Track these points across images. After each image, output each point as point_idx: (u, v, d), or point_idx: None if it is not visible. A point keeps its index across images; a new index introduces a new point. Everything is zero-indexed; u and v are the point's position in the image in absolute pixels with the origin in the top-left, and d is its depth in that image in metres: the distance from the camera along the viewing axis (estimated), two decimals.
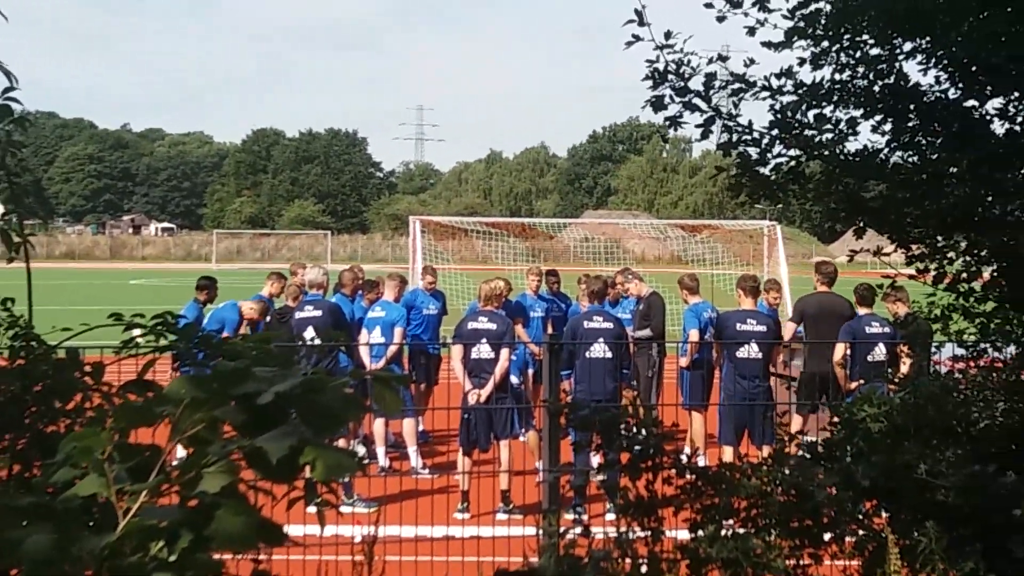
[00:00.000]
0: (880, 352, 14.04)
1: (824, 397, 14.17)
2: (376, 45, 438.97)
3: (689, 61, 6.40)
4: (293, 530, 4.52)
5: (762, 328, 14.22)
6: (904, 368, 11.02)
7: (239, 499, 2.40)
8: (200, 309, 16.19)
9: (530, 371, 16.43)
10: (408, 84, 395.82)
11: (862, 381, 13.27)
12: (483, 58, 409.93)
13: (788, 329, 15.66)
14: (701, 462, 5.87)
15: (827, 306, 15.35)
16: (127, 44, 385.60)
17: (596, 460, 5.59)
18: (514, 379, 14.55)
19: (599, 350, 13.70)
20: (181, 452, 2.50)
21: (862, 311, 14.71)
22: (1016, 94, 6.66)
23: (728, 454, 13.53)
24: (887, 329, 13.87)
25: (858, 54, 6.68)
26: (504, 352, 13.62)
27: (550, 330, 17.34)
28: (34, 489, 2.56)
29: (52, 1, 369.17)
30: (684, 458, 5.16)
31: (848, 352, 14.38)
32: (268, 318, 16.19)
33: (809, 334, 15.20)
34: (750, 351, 13.97)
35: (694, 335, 15.73)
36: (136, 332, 4.23)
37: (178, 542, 2.27)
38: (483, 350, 13.60)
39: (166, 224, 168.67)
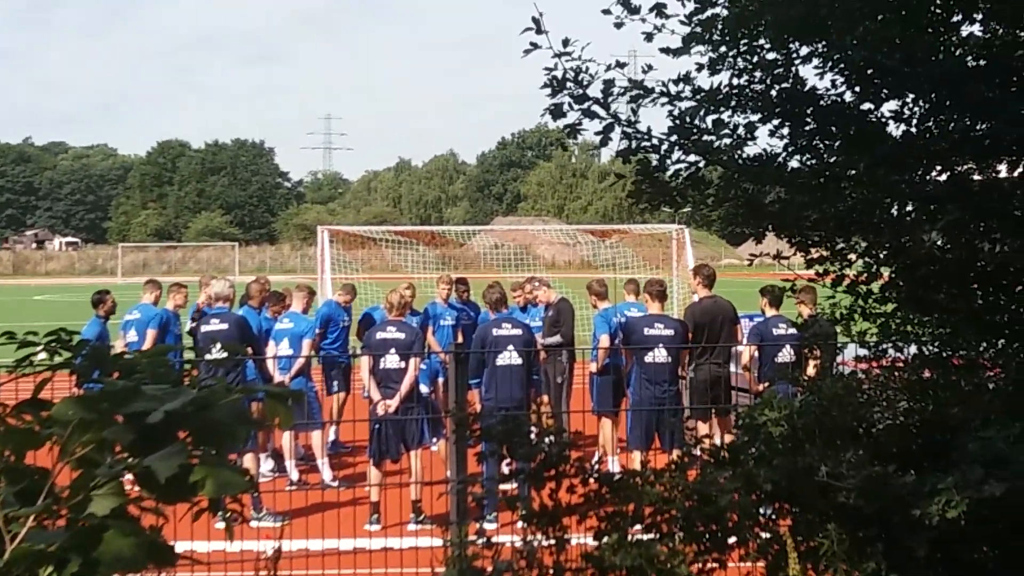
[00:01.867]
0: (788, 354, 14.15)
1: (719, 400, 14.29)
2: (280, 56, 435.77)
3: (587, 68, 6.40)
4: (199, 546, 4.45)
5: (670, 332, 14.27)
6: (810, 370, 11.13)
7: (128, 520, 2.36)
8: (103, 324, 16.00)
9: (440, 380, 16.40)
10: (315, 94, 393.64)
11: (769, 383, 13.37)
12: (387, 67, 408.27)
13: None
14: (611, 468, 5.89)
15: (712, 309, 15.42)
16: (28, 57, 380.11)
17: (505, 469, 5.59)
18: (425, 388, 14.52)
19: (508, 357, 13.69)
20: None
21: (769, 313, 14.84)
22: (911, 97, 6.74)
23: (637, 459, 13.57)
24: (794, 331, 13.98)
25: (755, 59, 6.73)
26: (413, 362, 13.57)
27: (459, 339, 17.36)
28: None
29: None
30: (592, 465, 5.16)
31: (755, 354, 14.49)
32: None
33: (697, 338, 15.26)
34: (657, 355, 14.01)
35: (604, 340, 15.77)
36: (36, 349, 4.15)
37: (67, 567, 2.23)
38: (391, 360, 13.53)
39: (70, 238, 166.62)
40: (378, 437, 13.55)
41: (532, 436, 5.22)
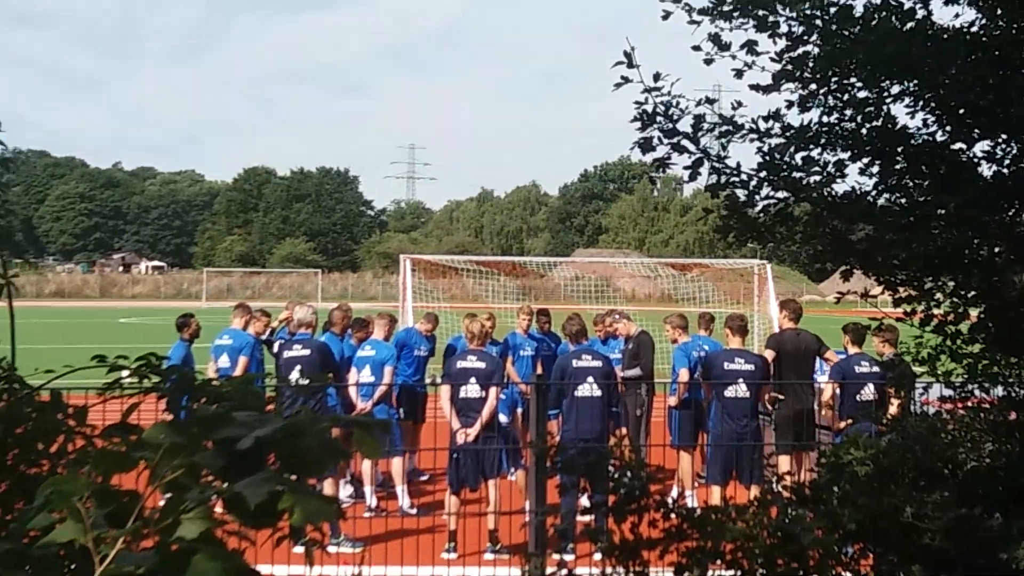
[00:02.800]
0: (869, 391, 14.02)
1: (802, 436, 14.18)
2: (365, 87, 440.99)
3: (677, 103, 6.40)
4: (278, 571, 4.48)
5: (750, 367, 14.19)
6: (893, 409, 11.01)
7: (216, 544, 2.38)
8: (187, 347, 16.15)
9: (519, 410, 16.39)
10: (399, 124, 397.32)
11: (851, 421, 13.24)
12: (471, 98, 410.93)
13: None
14: (690, 502, 5.83)
15: (795, 341, 15.36)
16: (119, 85, 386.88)
17: (584, 501, 5.58)
18: (503, 418, 14.51)
19: (588, 389, 13.67)
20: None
21: (852, 350, 14.71)
22: (1003, 137, 6.67)
23: (716, 494, 13.49)
24: (876, 369, 13.85)
25: (846, 97, 6.69)
26: (493, 391, 13.57)
27: (539, 370, 17.35)
28: (11, 535, 2.54)
29: (44, 44, 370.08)
30: (671, 499, 5.14)
31: (837, 391, 14.37)
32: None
33: (784, 370, 15.16)
34: (738, 390, 13.93)
35: (684, 374, 15.73)
36: (124, 373, 4.20)
37: None
38: (471, 389, 13.54)
39: (156, 262, 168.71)
40: (457, 465, 13.55)
41: (613, 469, 5.21)
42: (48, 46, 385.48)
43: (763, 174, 6.57)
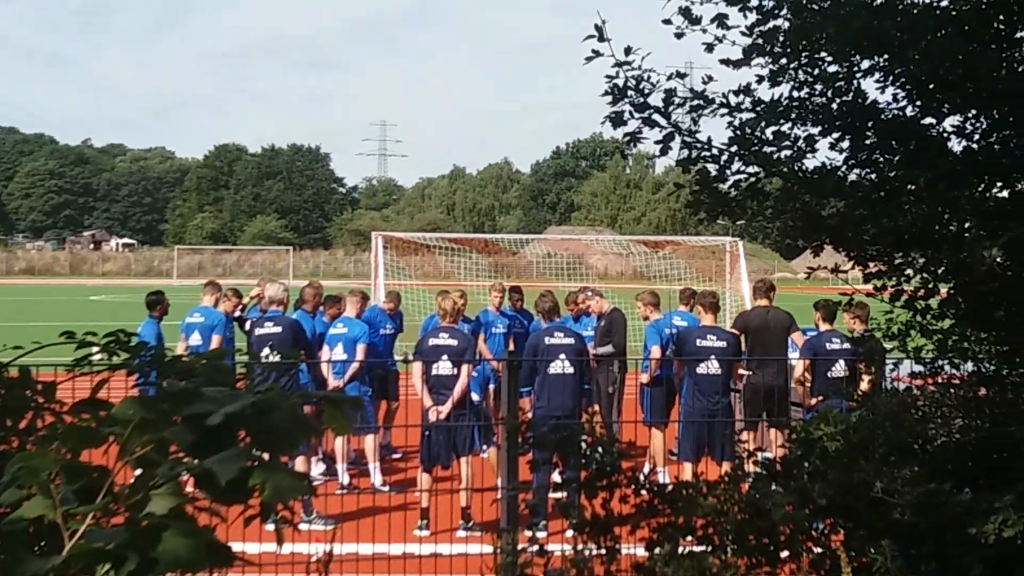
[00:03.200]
0: (840, 368, 14.07)
1: (772, 412, 14.24)
2: (336, 63, 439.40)
3: (648, 77, 6.40)
4: (249, 548, 4.47)
5: (722, 344, 14.23)
6: (864, 385, 11.06)
7: (187, 520, 2.37)
8: (157, 325, 16.08)
9: (491, 387, 16.37)
10: (371, 100, 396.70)
11: (822, 397, 13.30)
12: (443, 75, 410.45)
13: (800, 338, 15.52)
14: (661, 479, 5.85)
15: (765, 318, 15.42)
16: (89, 61, 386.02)
17: (556, 477, 5.59)
18: (475, 396, 14.51)
19: (560, 366, 13.68)
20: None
21: (823, 327, 14.74)
22: (973, 112, 6.69)
23: (687, 470, 13.53)
24: (847, 345, 13.90)
25: (816, 71, 6.70)
26: (465, 368, 13.57)
27: (511, 347, 17.35)
28: None
29: (10, 19, 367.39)
30: (642, 475, 5.15)
31: (808, 368, 14.41)
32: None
33: (753, 347, 15.22)
34: (710, 367, 13.97)
35: (655, 351, 15.74)
36: (93, 350, 4.19)
37: (125, 565, 2.24)
38: (443, 366, 13.54)
39: (127, 240, 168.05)
40: (429, 443, 13.55)
41: (585, 446, 5.21)
42: (14, 21, 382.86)
43: (734, 149, 6.57)
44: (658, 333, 15.97)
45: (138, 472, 2.44)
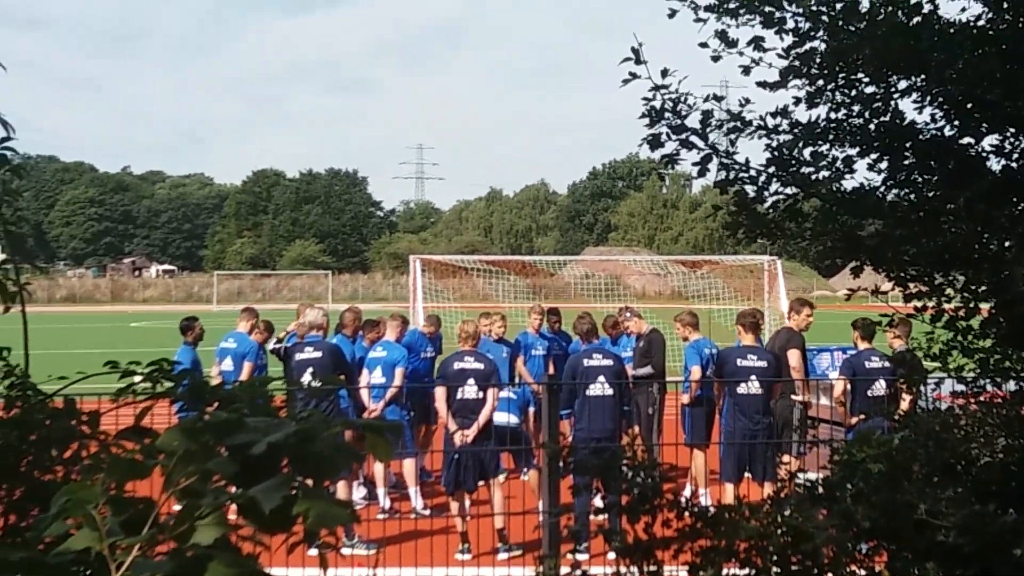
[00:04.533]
0: (880, 387, 13.98)
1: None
2: (374, 85, 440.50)
3: (685, 99, 6.41)
4: (292, 573, 4.50)
5: (763, 364, 14.17)
6: (904, 404, 10.99)
7: (231, 550, 2.39)
8: (193, 351, 16.15)
9: (531, 410, 16.37)
10: (407, 123, 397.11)
11: (863, 416, 13.22)
12: (478, 96, 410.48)
13: (795, 357, 15.37)
14: (704, 500, 5.79)
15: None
16: (126, 88, 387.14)
17: (598, 501, 5.60)
18: (515, 419, 14.49)
19: (599, 388, 13.66)
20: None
21: (862, 346, 14.66)
22: (1011, 131, 6.66)
23: (729, 492, 13.48)
24: (887, 364, 13.83)
25: (854, 92, 6.69)
26: (491, 393, 13.55)
27: (551, 369, 17.34)
28: (27, 543, 2.55)
29: (49, 48, 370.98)
30: (684, 498, 5.14)
31: (848, 387, 14.32)
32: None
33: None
34: (750, 387, 13.92)
35: (696, 372, 15.70)
36: (136, 378, 4.22)
37: None
38: (469, 390, 13.52)
39: (167, 266, 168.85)
40: (455, 467, 13.53)
41: (627, 469, 5.21)
42: (52, 50, 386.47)
43: (772, 170, 6.57)
44: (698, 353, 15.92)
45: (179, 503, 2.46)
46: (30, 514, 4.02)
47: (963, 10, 6.53)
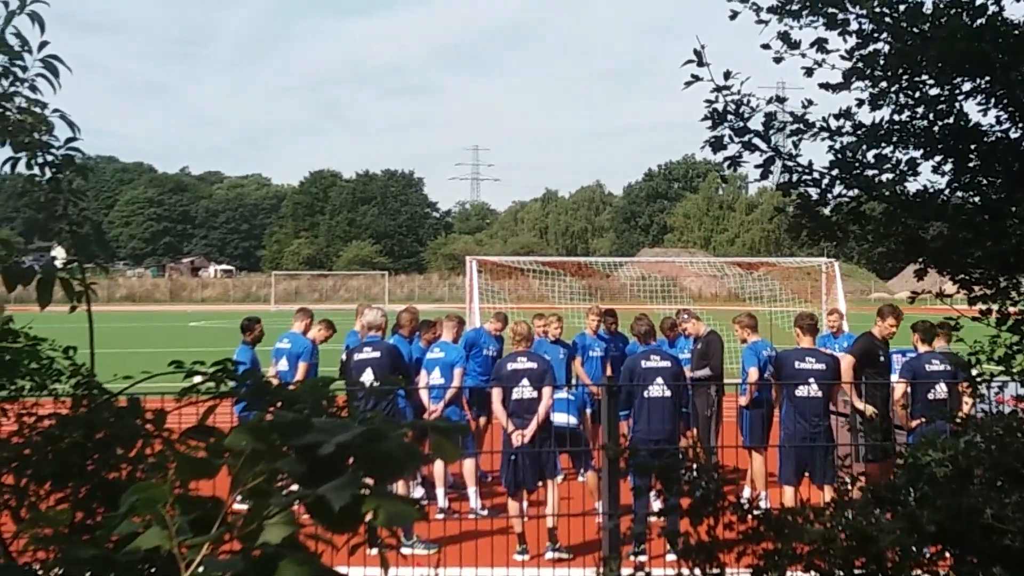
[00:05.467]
0: (941, 390, 13.87)
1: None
2: (430, 87, 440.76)
3: (748, 101, 6.39)
4: (353, 573, 4.52)
5: (821, 366, 14.10)
6: (966, 407, 10.90)
7: (301, 549, 2.40)
8: (252, 350, 16.27)
9: (588, 411, 16.33)
10: (463, 125, 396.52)
11: (923, 420, 13.12)
12: (533, 97, 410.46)
13: (845, 362, 15.27)
14: (763, 504, 5.76)
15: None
16: (186, 91, 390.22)
17: (656, 503, 5.57)
18: (573, 419, 14.47)
19: (657, 390, 13.63)
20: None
21: (922, 348, 14.54)
22: None
23: (789, 494, 13.42)
24: (948, 367, 13.72)
25: (917, 94, 6.64)
26: (547, 391, 13.54)
27: (608, 370, 17.32)
28: (97, 541, 2.57)
29: (109, 50, 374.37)
30: (745, 501, 5.12)
31: (908, 390, 14.21)
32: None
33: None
34: (809, 390, 13.84)
35: (753, 374, 15.63)
36: (197, 379, 4.26)
37: None
38: (524, 391, 13.52)
39: (225, 266, 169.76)
40: (513, 467, 13.53)
41: (688, 471, 5.19)
42: (113, 52, 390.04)
43: (835, 172, 6.53)
44: (756, 355, 15.85)
45: (238, 502, 2.47)
46: (96, 512, 4.06)
47: None
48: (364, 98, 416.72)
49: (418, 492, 16.12)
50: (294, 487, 2.49)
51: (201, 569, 2.30)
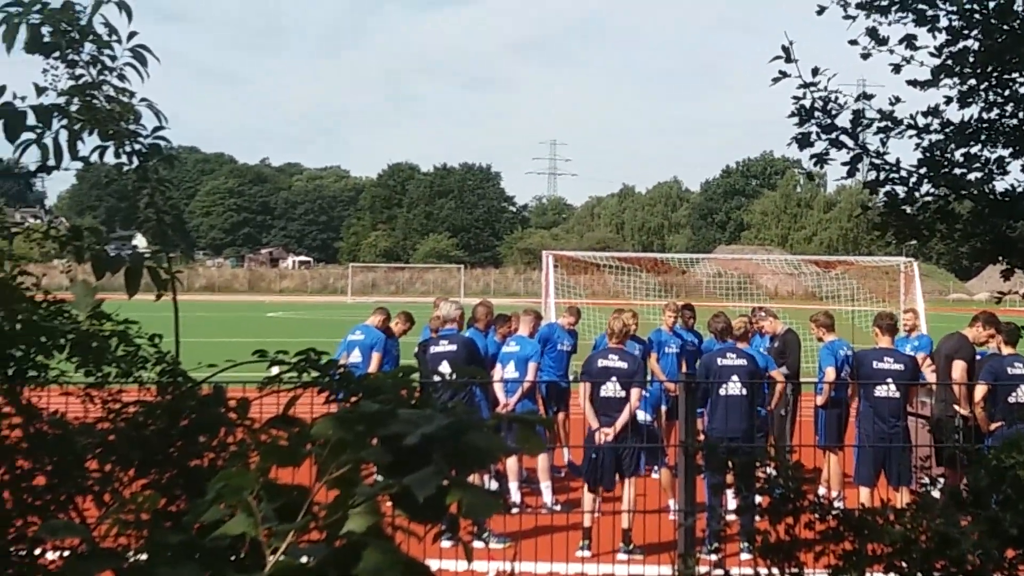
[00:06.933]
0: (1023, 393, 13.68)
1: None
2: (508, 81, 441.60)
3: (836, 98, 6.34)
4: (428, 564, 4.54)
5: (899, 367, 13.97)
6: None
7: (386, 539, 2.40)
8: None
9: (663, 408, 16.28)
10: (540, 119, 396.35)
11: (1003, 423, 12.98)
12: (611, 92, 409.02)
13: (958, 368, 15.05)
14: (838, 504, 5.71)
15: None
16: (266, 82, 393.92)
17: (731, 501, 5.55)
18: (647, 416, 14.42)
19: (733, 387, 13.56)
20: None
21: (1006, 351, 14.35)
22: None
23: (864, 495, 13.31)
24: None
25: (1007, 92, 6.57)
26: (635, 392, 13.48)
27: (683, 367, 17.26)
28: (184, 527, 2.60)
29: (191, 42, 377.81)
30: (828, 501, 5.08)
31: (988, 393, 14.04)
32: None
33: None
34: (888, 390, 13.71)
35: (831, 373, 15.51)
36: (274, 370, 4.29)
37: None
38: (612, 388, 13.48)
39: (303, 257, 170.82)
40: (593, 464, 13.50)
41: (768, 470, 5.16)
42: (196, 44, 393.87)
43: (923, 170, 6.47)
44: (833, 355, 15.72)
45: (335, 491, 2.48)
46: (178, 498, 4.10)
47: None
48: (443, 91, 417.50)
49: (491, 486, 16.13)
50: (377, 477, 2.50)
51: (284, 556, 2.32)
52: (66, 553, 4.11)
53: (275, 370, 4.32)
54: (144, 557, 2.42)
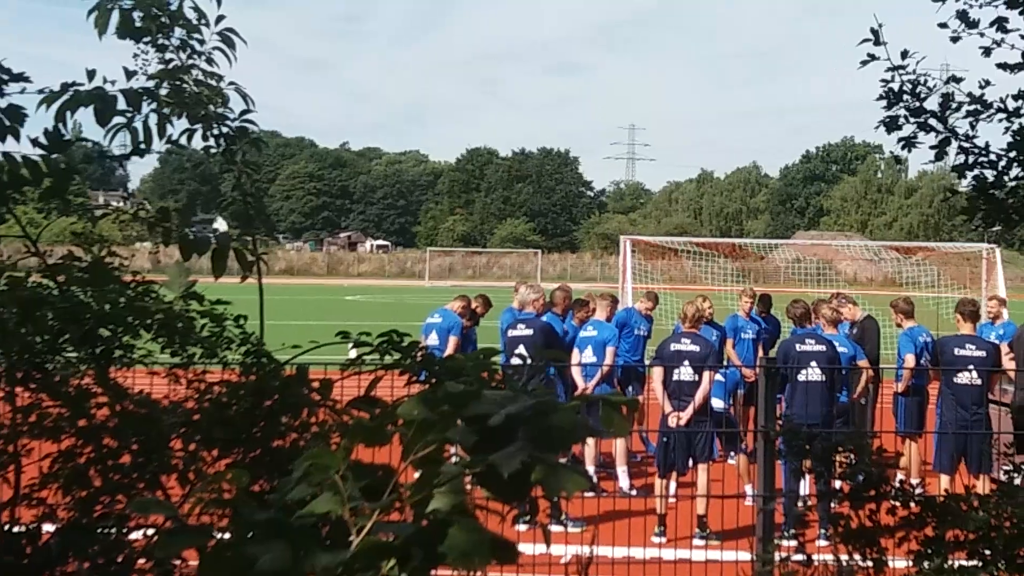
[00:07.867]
0: None
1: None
2: (586, 65, 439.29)
3: (925, 81, 6.27)
4: None
5: (981, 354, 13.83)
6: None
7: (470, 517, 2.42)
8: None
9: (740, 392, 16.20)
10: (619, 104, 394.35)
11: None
12: (690, 77, 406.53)
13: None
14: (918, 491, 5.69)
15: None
16: (346, 67, 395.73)
17: (806, 486, 5.53)
18: (721, 402, 14.37)
19: (812, 373, 13.48)
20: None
21: None
22: None
23: (944, 483, 13.20)
24: None
25: None
26: (707, 375, 13.46)
27: (760, 353, 17.18)
28: (270, 505, 2.63)
29: (273, 27, 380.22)
30: (910, 487, 5.05)
31: None
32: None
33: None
34: (970, 377, 13.58)
35: (910, 360, 15.38)
36: (353, 353, 4.33)
37: (410, 561, 2.29)
38: (685, 372, 13.47)
39: (381, 241, 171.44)
40: (666, 449, 13.49)
41: (849, 457, 5.14)
42: (278, 29, 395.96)
43: (1012, 154, 6.38)
44: (912, 341, 15.59)
45: (420, 471, 2.50)
46: (261, 477, 4.15)
47: None
48: (521, 75, 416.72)
49: None
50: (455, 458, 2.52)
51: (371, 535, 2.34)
52: (150, 532, 4.18)
53: (354, 352, 4.36)
54: (229, 535, 2.46)
